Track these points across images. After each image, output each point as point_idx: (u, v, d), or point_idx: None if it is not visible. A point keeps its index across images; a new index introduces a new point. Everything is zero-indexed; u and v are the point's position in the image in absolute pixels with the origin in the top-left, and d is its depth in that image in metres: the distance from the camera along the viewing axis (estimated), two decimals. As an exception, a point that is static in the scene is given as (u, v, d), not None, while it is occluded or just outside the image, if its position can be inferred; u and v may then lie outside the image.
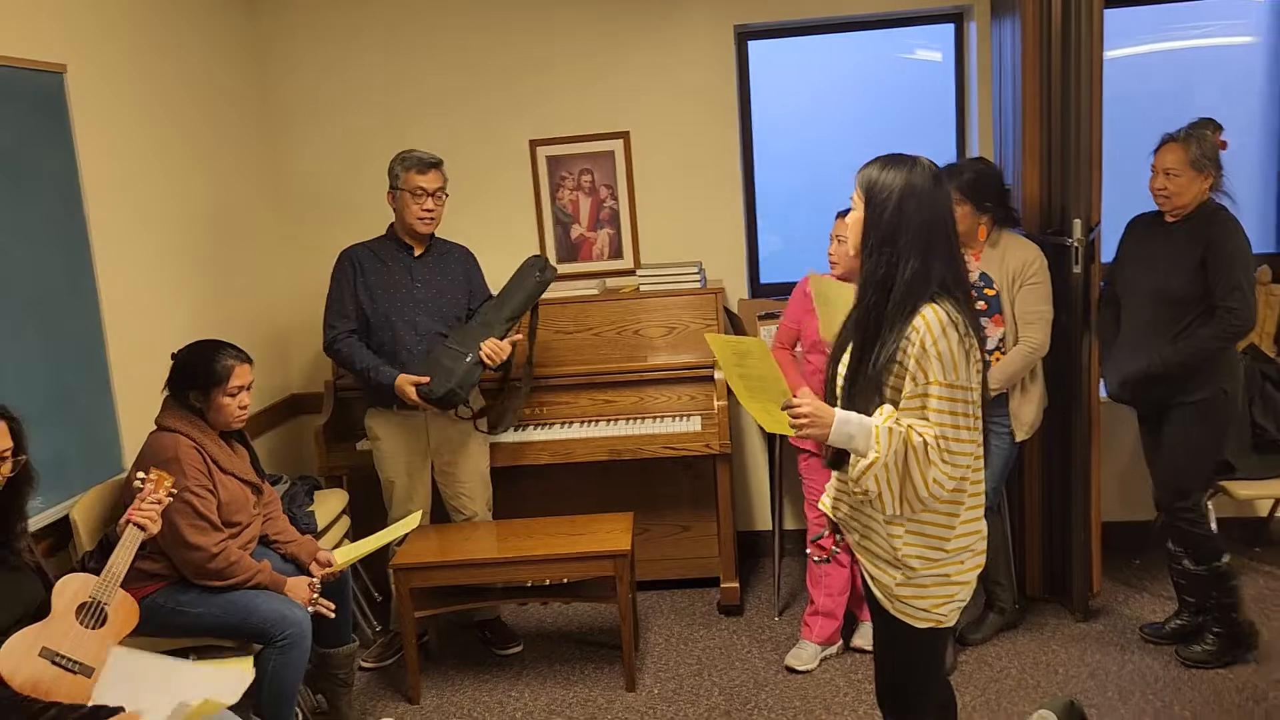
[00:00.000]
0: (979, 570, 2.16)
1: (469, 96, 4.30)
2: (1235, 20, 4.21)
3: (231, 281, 4.03)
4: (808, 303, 3.51)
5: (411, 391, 3.39)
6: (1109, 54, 3.62)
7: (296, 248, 4.42)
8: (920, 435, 1.97)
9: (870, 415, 2.04)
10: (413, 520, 3.25)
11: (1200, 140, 3.10)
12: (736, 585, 3.99)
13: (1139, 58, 4.12)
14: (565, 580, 3.61)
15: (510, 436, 3.91)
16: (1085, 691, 3.22)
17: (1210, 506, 3.69)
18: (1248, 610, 3.38)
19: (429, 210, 3.50)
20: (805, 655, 3.53)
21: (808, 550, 2.45)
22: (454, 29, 4.25)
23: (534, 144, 4.34)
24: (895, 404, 2.04)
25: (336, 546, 3.60)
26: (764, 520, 4.46)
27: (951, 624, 2.17)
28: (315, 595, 2.93)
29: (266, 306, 4.31)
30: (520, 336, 3.64)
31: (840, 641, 3.60)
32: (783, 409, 2.09)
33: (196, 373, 2.88)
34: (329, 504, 3.77)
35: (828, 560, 2.47)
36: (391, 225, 3.61)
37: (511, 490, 4.00)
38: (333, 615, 2.96)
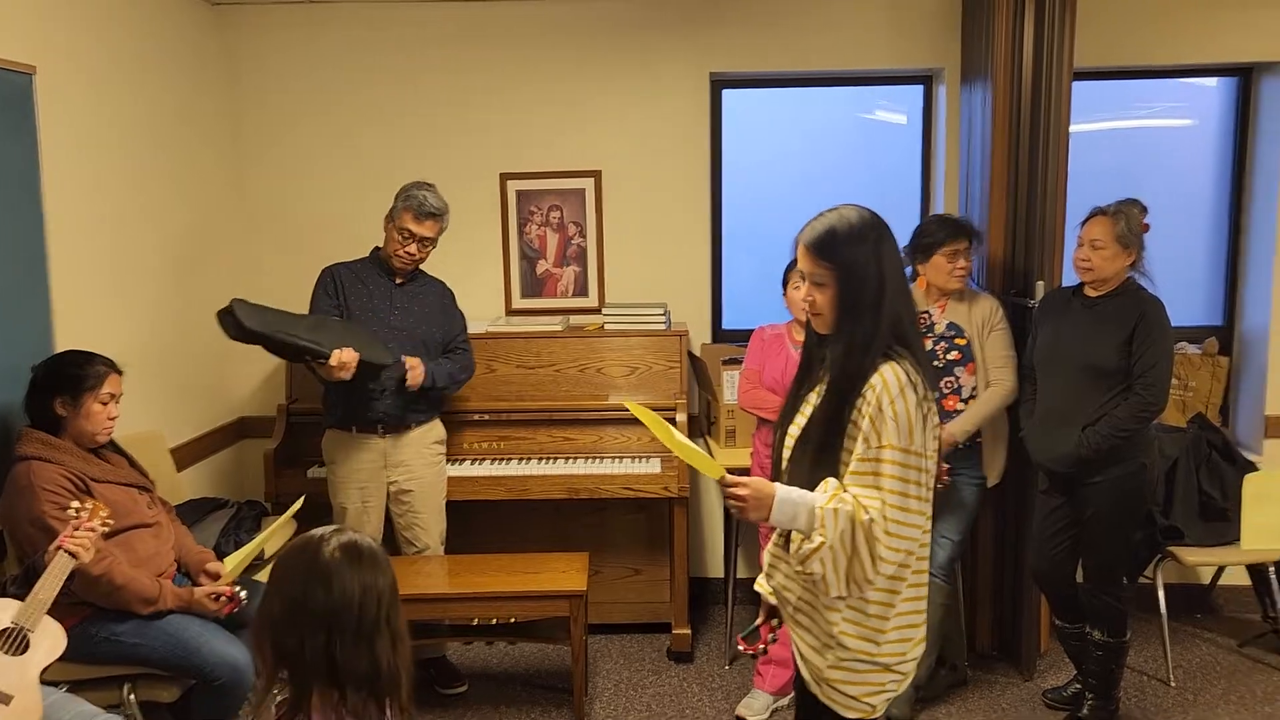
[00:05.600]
0: (917, 660, 2.03)
1: (442, 126, 4.28)
2: (1179, 103, 4.38)
3: (188, 296, 3.92)
4: (767, 348, 3.57)
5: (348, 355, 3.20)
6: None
7: (257, 268, 4.33)
8: (868, 511, 1.84)
9: (821, 479, 1.92)
10: (293, 509, 3.03)
11: (1128, 217, 3.15)
12: (688, 632, 3.94)
13: (1085, 134, 4.25)
14: (513, 619, 3.53)
15: (466, 470, 3.85)
16: (1034, 751, 3.23)
17: (1159, 574, 3.77)
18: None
19: (410, 253, 3.46)
20: (757, 705, 3.48)
21: (739, 645, 2.26)
22: (431, 58, 4.24)
23: (505, 177, 4.33)
24: (848, 465, 1.91)
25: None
26: (716, 567, 4.43)
27: (880, 715, 2.02)
28: (222, 600, 2.82)
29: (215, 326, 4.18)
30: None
31: (794, 692, 3.56)
32: (720, 484, 1.95)
33: (66, 377, 2.76)
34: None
35: (763, 652, 2.29)
36: (377, 249, 3.56)
37: (461, 525, 3.92)
38: (244, 603, 2.85)
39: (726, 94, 4.38)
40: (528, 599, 3.35)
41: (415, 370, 3.38)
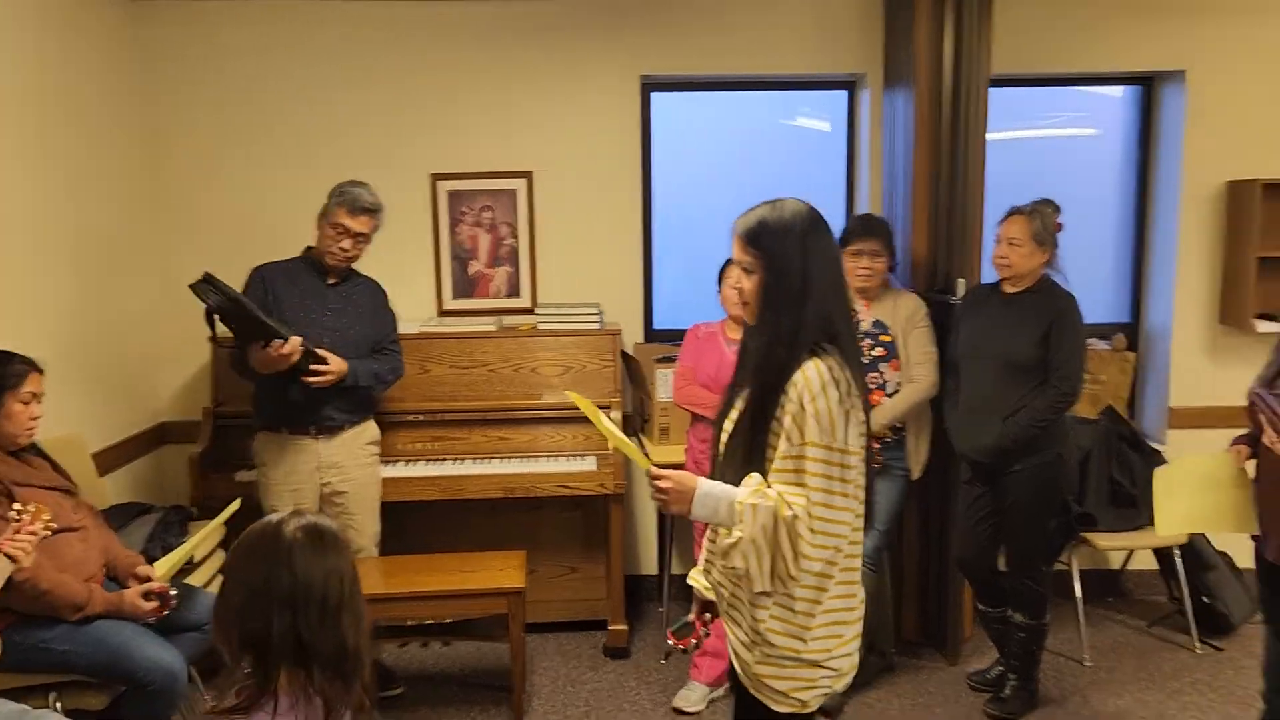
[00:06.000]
0: (850, 656, 2.02)
1: (370, 124, 4.25)
2: (1087, 113, 4.59)
3: (99, 299, 3.79)
4: (701, 346, 3.64)
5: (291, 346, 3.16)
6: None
7: (173, 270, 4.21)
8: (791, 507, 1.84)
9: (749, 476, 1.93)
10: (228, 512, 2.99)
11: (1043, 216, 3.31)
12: (625, 628, 3.98)
13: (1002, 142, 4.42)
14: (448, 619, 3.52)
15: (401, 471, 3.83)
16: (961, 732, 3.35)
17: (1074, 560, 3.95)
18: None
19: (344, 249, 3.43)
20: (694, 697, 3.54)
21: (669, 641, 2.28)
22: (359, 54, 4.20)
23: (435, 178, 4.31)
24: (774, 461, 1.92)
25: (209, 585, 3.41)
26: (651, 564, 4.48)
27: (813, 710, 2.01)
28: (154, 600, 2.78)
29: (137, 328, 4.08)
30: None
31: (729, 683, 3.62)
32: (648, 475, 1.98)
33: None
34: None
35: (696, 647, 2.29)
36: (310, 248, 3.52)
37: (396, 527, 3.88)
38: (175, 604, 2.82)
39: (656, 97, 4.44)
40: (466, 597, 3.35)
41: (329, 369, 3.32)
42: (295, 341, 3.16)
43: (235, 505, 2.98)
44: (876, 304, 3.57)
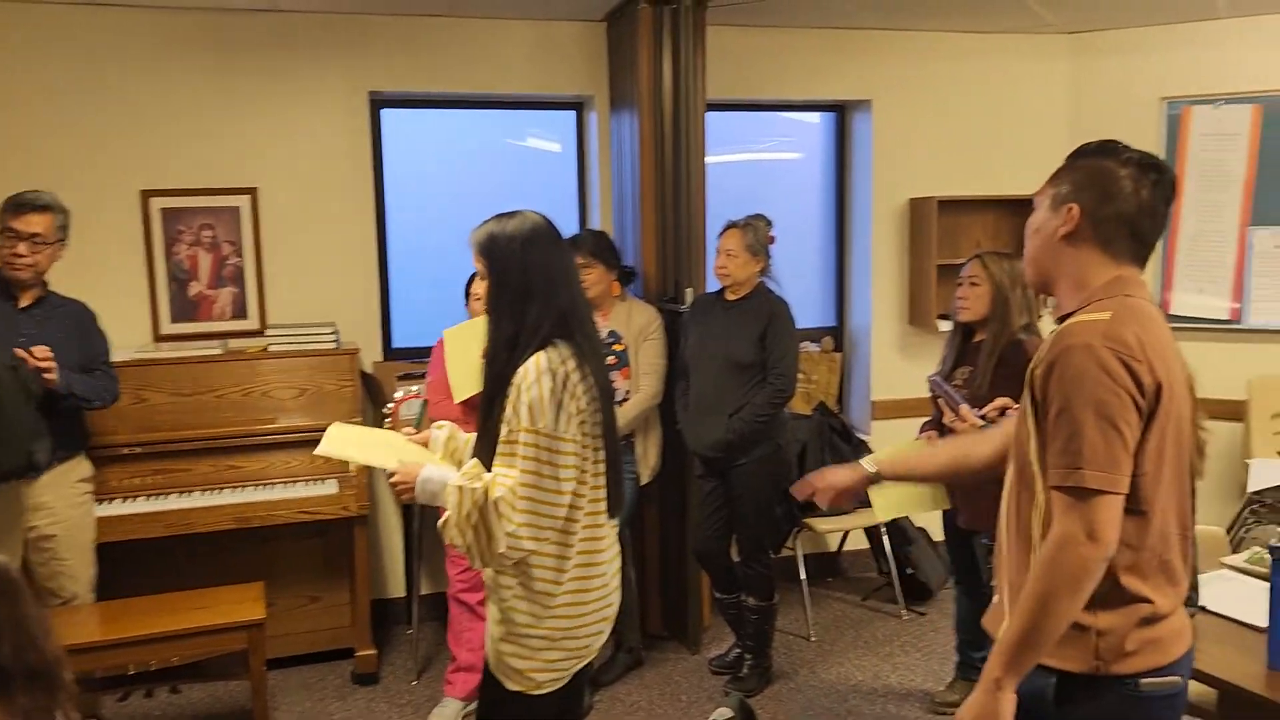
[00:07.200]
0: (592, 638, 2.12)
1: (74, 136, 3.92)
2: (792, 137, 5.04)
3: None
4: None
5: None
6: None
7: None
8: (501, 485, 1.96)
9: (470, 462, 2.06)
10: None
11: (756, 229, 3.63)
12: (373, 653, 3.89)
13: (721, 165, 4.77)
14: (175, 661, 3.31)
15: (118, 509, 3.55)
16: (705, 714, 3.55)
17: (799, 545, 4.30)
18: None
19: (19, 256, 3.15)
20: (448, 713, 3.53)
21: None
22: (61, 61, 3.88)
23: (147, 194, 4.05)
24: None
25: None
26: (398, 586, 4.40)
27: (545, 693, 2.08)
28: None
29: None
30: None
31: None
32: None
33: None
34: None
35: None
36: None
37: (113, 570, 3.57)
38: None
39: (387, 114, 4.41)
40: (199, 635, 3.15)
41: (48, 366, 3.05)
42: None
43: None
44: (612, 315, 3.73)
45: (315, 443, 3.77)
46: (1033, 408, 1.69)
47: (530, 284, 2.05)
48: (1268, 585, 2.19)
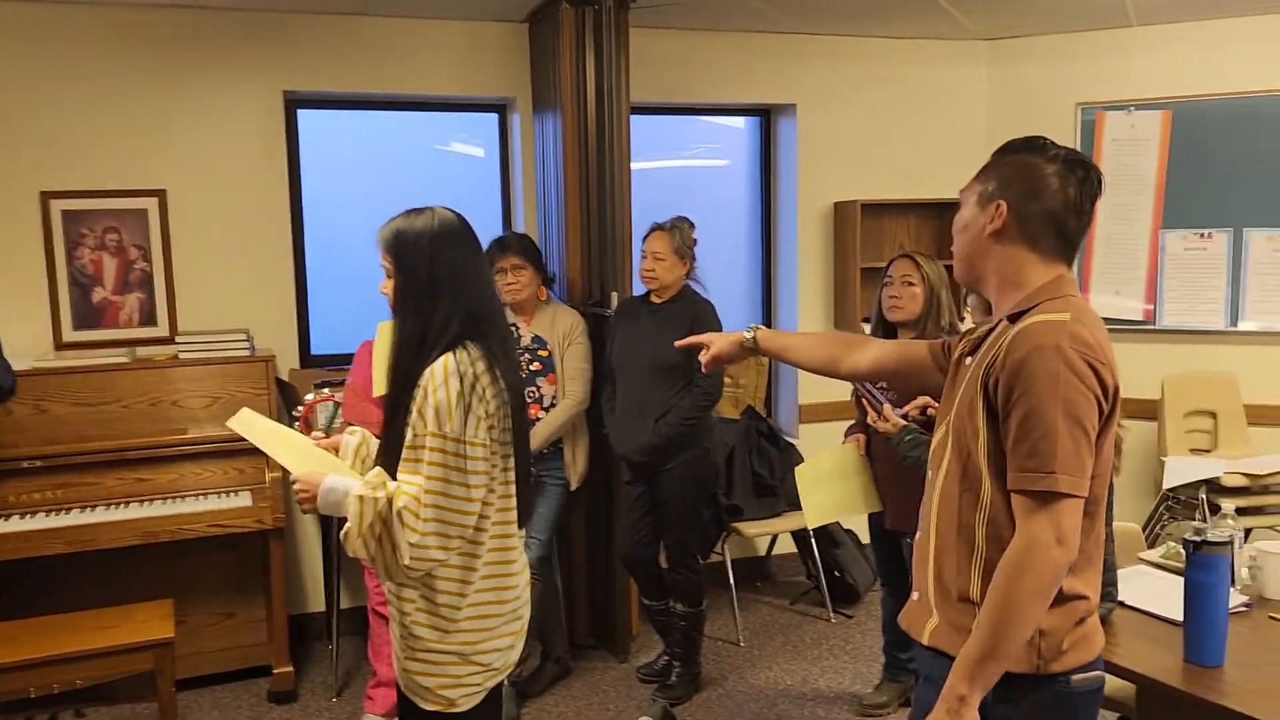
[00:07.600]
0: (504, 652, 2.02)
1: (-37, 136, 3.74)
2: (718, 144, 5.04)
3: None
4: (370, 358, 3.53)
5: None
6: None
7: None
8: (405, 494, 1.86)
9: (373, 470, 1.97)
10: None
11: (681, 231, 3.61)
12: (291, 670, 3.76)
13: (646, 171, 4.74)
14: (79, 683, 3.15)
15: (15, 526, 3.37)
16: (634, 723, 3.51)
17: (727, 550, 4.28)
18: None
19: None
20: (368, 731, 3.42)
21: None
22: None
23: (47, 196, 3.87)
24: None
25: None
26: (318, 601, 4.27)
27: (464, 709, 1.99)
28: None
29: None
30: None
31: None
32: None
33: None
34: None
35: None
36: None
37: (11, 590, 3.42)
38: None
39: (304, 114, 4.28)
40: (104, 656, 3.01)
41: None
42: None
43: None
44: (536, 319, 3.67)
45: (228, 454, 3.75)
46: (984, 407, 1.64)
47: (438, 281, 1.96)
48: (1183, 580, 2.22)
